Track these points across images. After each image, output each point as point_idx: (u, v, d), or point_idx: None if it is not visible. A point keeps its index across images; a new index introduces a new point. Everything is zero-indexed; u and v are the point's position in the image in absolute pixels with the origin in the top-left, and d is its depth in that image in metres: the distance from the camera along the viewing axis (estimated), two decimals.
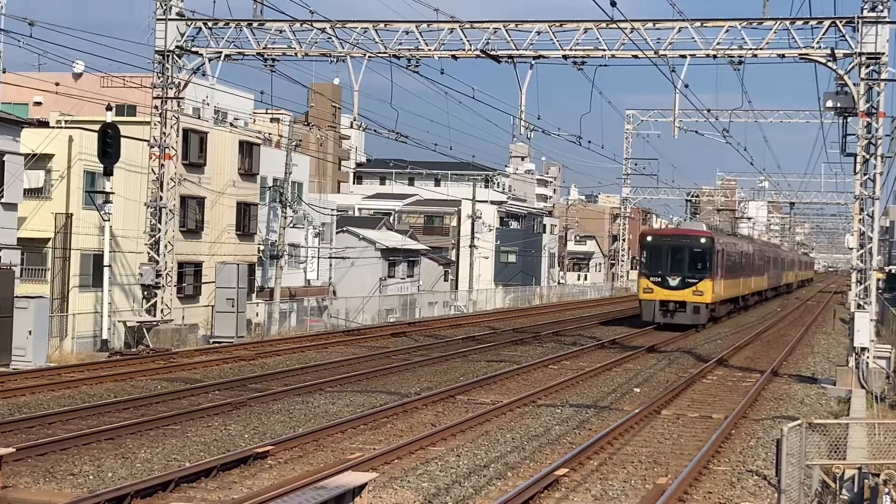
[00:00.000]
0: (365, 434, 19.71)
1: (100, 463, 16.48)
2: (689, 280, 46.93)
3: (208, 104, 62.08)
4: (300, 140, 69.66)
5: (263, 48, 34.36)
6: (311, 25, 33.49)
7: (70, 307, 39.52)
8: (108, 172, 34.86)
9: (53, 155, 40.47)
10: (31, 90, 47.02)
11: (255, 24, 34.40)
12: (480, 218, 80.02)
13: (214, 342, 36.53)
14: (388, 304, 62.43)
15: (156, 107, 35.49)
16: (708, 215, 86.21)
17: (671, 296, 46.99)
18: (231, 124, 59.67)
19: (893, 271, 75.59)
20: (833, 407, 25.60)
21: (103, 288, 34.85)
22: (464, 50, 33.22)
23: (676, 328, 46.14)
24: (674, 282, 46.95)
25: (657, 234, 51.83)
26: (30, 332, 28.22)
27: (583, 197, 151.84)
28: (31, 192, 39.46)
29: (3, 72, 39.05)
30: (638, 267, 54.49)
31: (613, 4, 23.26)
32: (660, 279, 47.17)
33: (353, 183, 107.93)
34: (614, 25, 31.62)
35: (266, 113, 75.64)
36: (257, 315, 42.98)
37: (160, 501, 14.33)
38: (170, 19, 34.88)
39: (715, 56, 32.19)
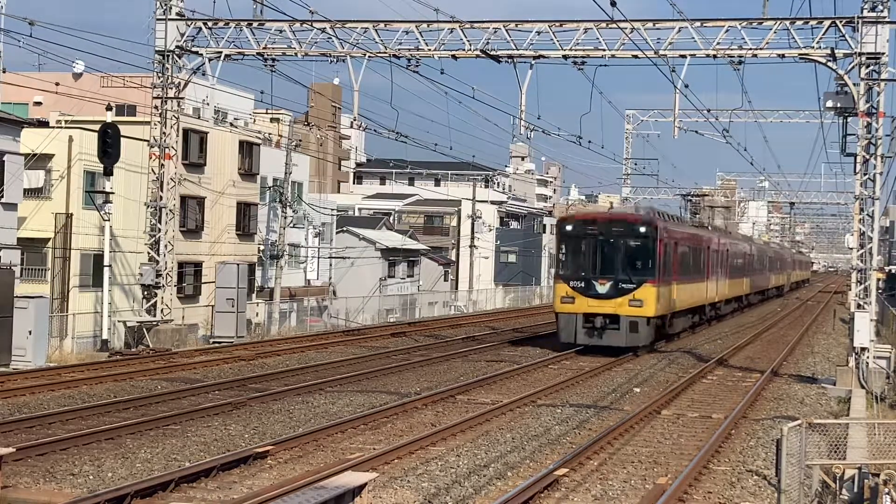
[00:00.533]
0: (365, 434, 19.70)
1: (100, 463, 16.49)
2: (624, 285, 34.52)
3: (208, 104, 62.07)
4: (300, 140, 69.64)
5: (263, 48, 34.36)
6: (311, 25, 33.49)
7: (70, 307, 39.55)
8: (108, 172, 34.90)
9: (53, 155, 40.51)
10: (31, 90, 47.02)
11: (255, 24, 34.40)
12: (480, 218, 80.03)
13: (214, 342, 36.55)
14: (388, 304, 62.49)
15: (156, 107, 35.50)
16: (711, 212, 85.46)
17: (599, 307, 34.56)
18: (231, 124, 59.67)
19: (893, 271, 75.58)
20: (833, 407, 25.59)
21: (103, 288, 34.88)
22: (464, 50, 33.21)
23: (606, 351, 34.40)
24: (602, 288, 34.57)
25: (580, 221, 36.62)
26: (30, 332, 28.25)
27: (583, 197, 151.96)
28: (31, 192, 39.51)
29: (4, 72, 39.10)
30: (555, 266, 39.17)
31: (613, 4, 23.28)
32: (583, 284, 34.79)
33: (353, 183, 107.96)
34: (614, 25, 31.60)
35: (266, 113, 75.62)
36: (257, 315, 43.02)
37: (160, 501, 14.34)
38: (170, 19, 34.89)
39: (715, 56, 32.18)
